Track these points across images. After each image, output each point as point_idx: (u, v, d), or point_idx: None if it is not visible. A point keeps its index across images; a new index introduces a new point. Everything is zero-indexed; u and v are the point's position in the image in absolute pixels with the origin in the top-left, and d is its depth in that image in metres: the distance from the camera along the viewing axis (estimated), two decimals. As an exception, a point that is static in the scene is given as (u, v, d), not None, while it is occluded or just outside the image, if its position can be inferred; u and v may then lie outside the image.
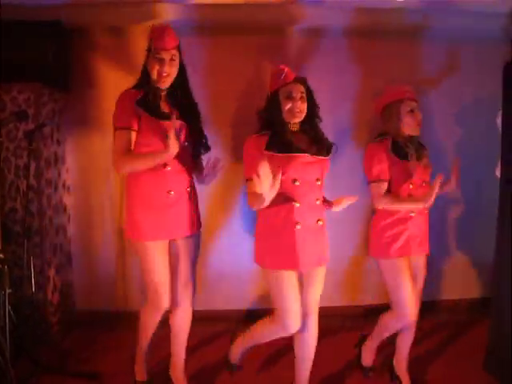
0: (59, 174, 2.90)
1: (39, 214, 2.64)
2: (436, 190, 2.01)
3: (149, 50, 2.08)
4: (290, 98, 1.97)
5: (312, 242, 1.99)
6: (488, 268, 3.14)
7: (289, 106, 1.97)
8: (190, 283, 2.22)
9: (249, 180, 1.92)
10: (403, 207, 2.16)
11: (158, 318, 2.19)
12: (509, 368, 2.26)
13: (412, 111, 2.18)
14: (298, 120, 2.01)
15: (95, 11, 2.76)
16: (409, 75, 3.00)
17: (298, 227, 1.94)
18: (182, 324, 2.26)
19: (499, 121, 2.35)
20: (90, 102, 2.99)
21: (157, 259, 2.10)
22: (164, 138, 1.94)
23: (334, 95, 2.98)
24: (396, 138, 2.19)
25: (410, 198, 2.16)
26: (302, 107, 1.99)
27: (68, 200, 3.04)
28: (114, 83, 2.96)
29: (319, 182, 2.02)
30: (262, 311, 3.10)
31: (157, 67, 2.04)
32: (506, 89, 2.30)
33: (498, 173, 2.41)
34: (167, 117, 2.03)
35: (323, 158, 2.02)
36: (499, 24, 2.70)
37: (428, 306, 3.21)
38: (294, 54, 3.00)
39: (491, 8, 2.56)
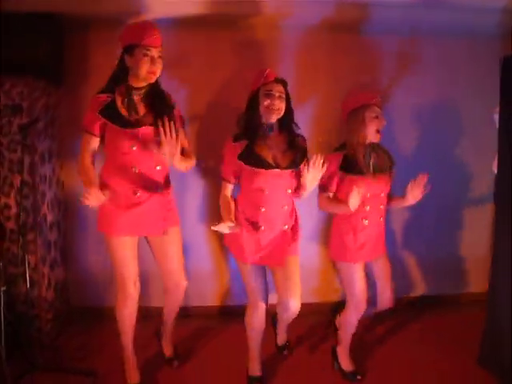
0: (53, 170, 2.86)
1: (33, 210, 2.60)
2: (356, 200, 2.11)
3: (130, 47, 2.03)
4: (268, 95, 2.06)
5: (277, 242, 2.19)
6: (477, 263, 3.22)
7: (267, 102, 2.05)
8: (174, 273, 2.36)
9: (223, 180, 2.20)
10: (332, 210, 2.35)
11: (131, 307, 2.25)
12: (504, 363, 2.28)
13: (377, 117, 2.22)
14: (274, 118, 2.08)
15: (88, 4, 2.71)
16: (400, 70, 3.01)
17: (262, 228, 2.16)
18: (173, 302, 2.47)
19: (496, 116, 2.34)
20: (84, 97, 2.92)
21: (124, 253, 2.18)
22: (127, 145, 2.05)
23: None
24: (355, 148, 2.22)
25: (337, 201, 2.28)
26: (281, 106, 2.07)
27: (62, 196, 3.00)
28: (107, 77, 2.93)
29: (289, 191, 2.18)
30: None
31: (146, 65, 2.00)
32: (503, 83, 2.31)
33: (494, 168, 2.41)
34: (131, 125, 2.05)
35: (294, 171, 2.16)
36: (494, 19, 2.70)
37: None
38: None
39: (486, 3, 2.56)
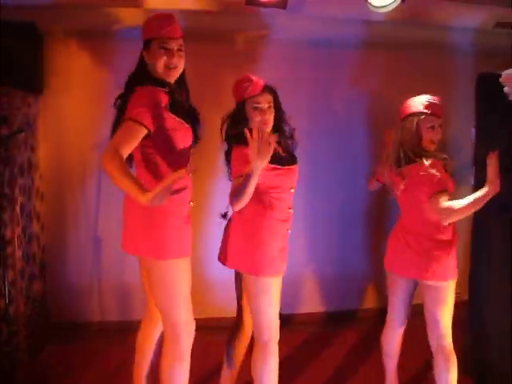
0: (32, 181, 2.79)
1: (12, 223, 2.53)
2: None
3: (149, 41, 1.80)
4: (257, 109, 1.93)
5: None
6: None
7: (258, 118, 1.92)
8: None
9: (235, 178, 1.86)
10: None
11: None
12: (485, 369, 2.35)
13: (433, 127, 2.03)
14: (268, 130, 1.95)
15: (70, 14, 2.69)
16: (382, 85, 3.10)
17: (289, 232, 2.02)
18: None
19: (473, 130, 2.44)
20: (64, 107, 2.92)
21: None
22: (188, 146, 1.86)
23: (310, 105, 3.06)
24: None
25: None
26: (271, 117, 1.96)
27: (41, 208, 2.93)
28: (89, 88, 2.91)
29: (292, 190, 2.03)
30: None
31: (164, 58, 1.78)
32: (478, 99, 2.41)
33: (472, 180, 2.50)
34: (192, 119, 1.89)
35: (294, 167, 2.03)
36: (471, 38, 2.83)
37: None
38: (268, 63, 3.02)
39: (462, 23, 2.69)
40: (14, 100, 2.51)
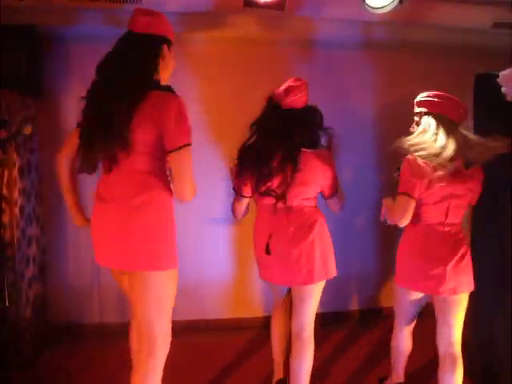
0: (32, 184, 2.80)
1: (11, 225, 2.53)
2: None
3: (163, 42, 1.70)
4: None
5: None
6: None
7: None
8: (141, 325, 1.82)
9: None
10: None
11: None
12: (485, 371, 2.35)
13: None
14: None
15: (68, 16, 2.70)
16: (384, 85, 3.10)
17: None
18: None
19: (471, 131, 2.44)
20: (64, 110, 2.93)
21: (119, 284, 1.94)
22: None
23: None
24: None
25: None
26: None
27: (41, 210, 2.94)
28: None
29: None
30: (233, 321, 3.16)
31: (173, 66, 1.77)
32: (476, 99, 2.41)
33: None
34: None
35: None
36: (469, 39, 2.83)
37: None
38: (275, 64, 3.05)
39: (460, 23, 2.69)
40: (12, 102, 2.53)
